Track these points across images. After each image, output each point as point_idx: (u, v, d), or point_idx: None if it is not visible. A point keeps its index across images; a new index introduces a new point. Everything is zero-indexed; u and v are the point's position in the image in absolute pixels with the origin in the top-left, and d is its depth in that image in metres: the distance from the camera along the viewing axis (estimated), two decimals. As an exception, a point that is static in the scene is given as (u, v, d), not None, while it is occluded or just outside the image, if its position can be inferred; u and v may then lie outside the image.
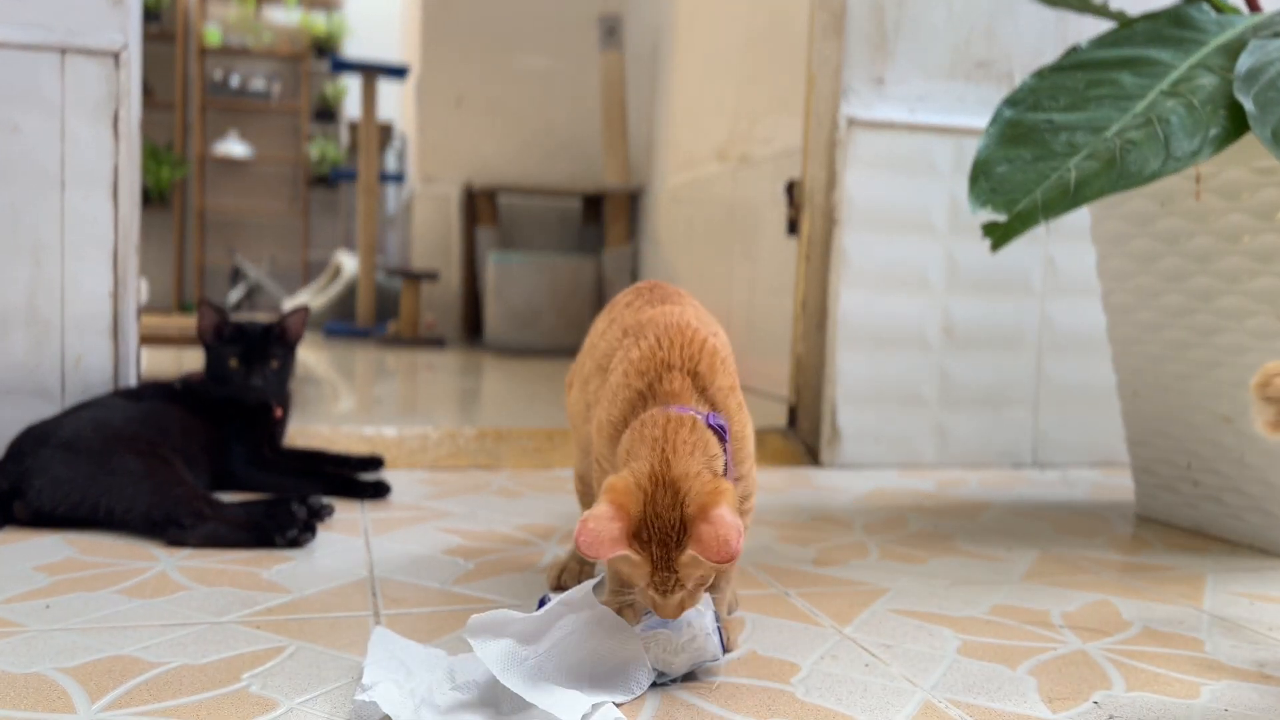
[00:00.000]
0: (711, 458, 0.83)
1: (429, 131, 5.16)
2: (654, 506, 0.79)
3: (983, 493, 1.80)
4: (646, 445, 0.82)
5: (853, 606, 1.10)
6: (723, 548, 0.75)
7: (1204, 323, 1.45)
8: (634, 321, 0.97)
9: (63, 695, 0.79)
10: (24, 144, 1.57)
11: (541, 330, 4.45)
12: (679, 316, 0.95)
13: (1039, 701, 0.86)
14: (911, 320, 1.99)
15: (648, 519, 0.78)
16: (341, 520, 1.40)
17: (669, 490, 0.79)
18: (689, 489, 0.79)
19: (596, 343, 1.03)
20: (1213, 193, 1.41)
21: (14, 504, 1.30)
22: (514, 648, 0.79)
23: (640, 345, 0.91)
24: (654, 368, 0.89)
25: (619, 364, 0.92)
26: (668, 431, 0.82)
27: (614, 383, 0.91)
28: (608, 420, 0.89)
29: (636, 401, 0.88)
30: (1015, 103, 1.36)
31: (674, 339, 0.91)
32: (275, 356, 1.54)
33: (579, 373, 1.07)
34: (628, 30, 4.69)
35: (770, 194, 2.98)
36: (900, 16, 1.98)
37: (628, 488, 0.79)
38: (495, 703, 0.77)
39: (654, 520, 0.78)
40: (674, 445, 0.81)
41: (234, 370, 1.52)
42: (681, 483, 0.79)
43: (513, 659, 0.77)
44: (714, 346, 0.93)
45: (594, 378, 1.00)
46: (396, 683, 0.78)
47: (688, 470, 0.80)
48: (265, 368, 1.53)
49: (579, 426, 1.06)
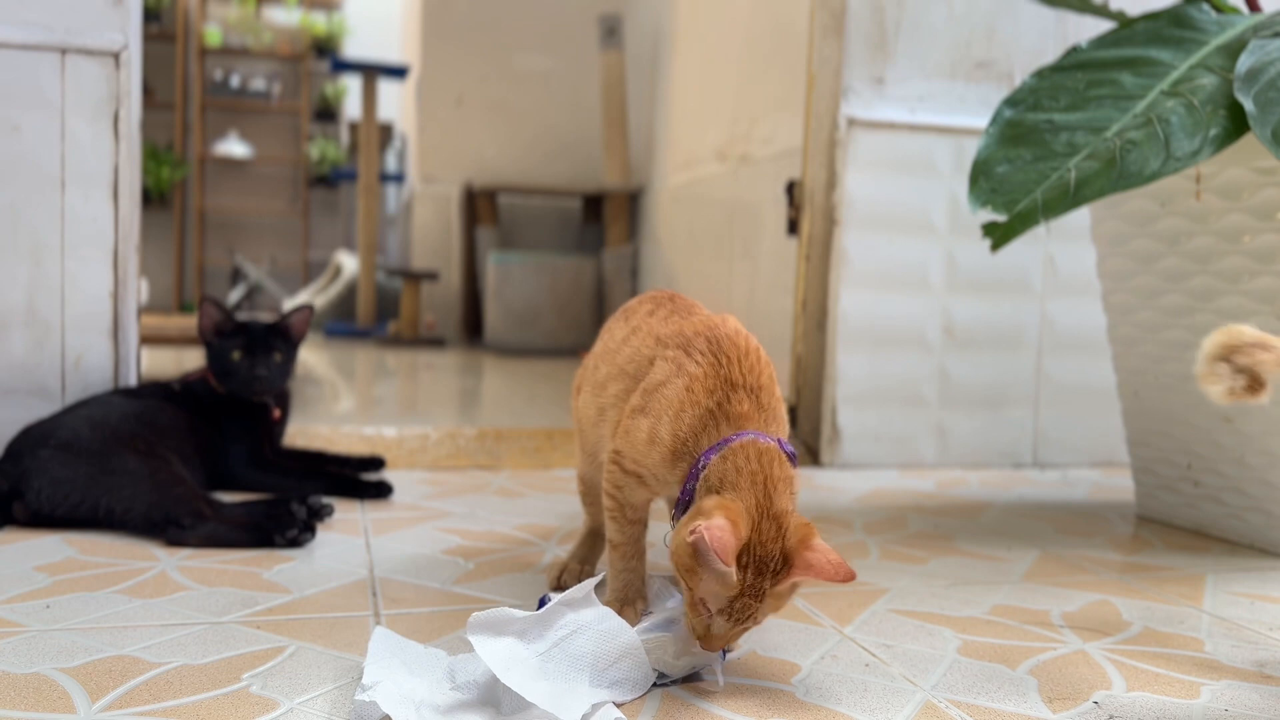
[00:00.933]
0: (795, 493, 0.87)
1: (429, 131, 5.16)
2: (759, 535, 0.82)
3: (983, 493, 1.80)
4: (745, 478, 0.84)
5: (853, 606, 1.10)
6: (840, 569, 0.81)
7: (1204, 323, 1.45)
8: (673, 332, 0.96)
9: (63, 695, 0.79)
10: (24, 144, 1.57)
11: (541, 330, 4.45)
12: (729, 327, 0.95)
13: (1039, 701, 0.86)
14: (912, 320, 1.99)
15: (752, 546, 0.81)
16: (341, 520, 1.40)
17: (773, 523, 0.82)
18: (788, 525, 0.83)
19: (617, 348, 1.02)
20: (1213, 193, 1.41)
21: (13, 505, 1.30)
22: (515, 646, 0.79)
23: (700, 360, 0.92)
24: (720, 386, 0.90)
25: (676, 377, 0.92)
26: (763, 465, 0.85)
27: (673, 397, 0.90)
28: (670, 435, 0.89)
29: (707, 420, 0.89)
30: (1015, 103, 1.36)
31: (731, 354, 0.92)
32: (278, 349, 1.54)
33: (590, 377, 1.06)
34: (628, 30, 4.69)
35: (770, 194, 2.98)
36: (900, 16, 1.98)
37: (742, 511, 0.82)
38: (495, 702, 0.77)
39: (756, 548, 0.81)
40: (773, 481, 0.84)
41: (237, 362, 1.51)
42: (782, 518, 0.83)
43: (513, 658, 0.77)
44: (766, 358, 0.95)
45: (613, 382, 0.99)
46: (397, 683, 0.78)
47: (785, 507, 0.84)
48: (269, 359, 1.53)
49: (587, 430, 1.06)
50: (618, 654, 0.82)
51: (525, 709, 0.74)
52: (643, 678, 0.83)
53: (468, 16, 5.09)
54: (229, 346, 1.52)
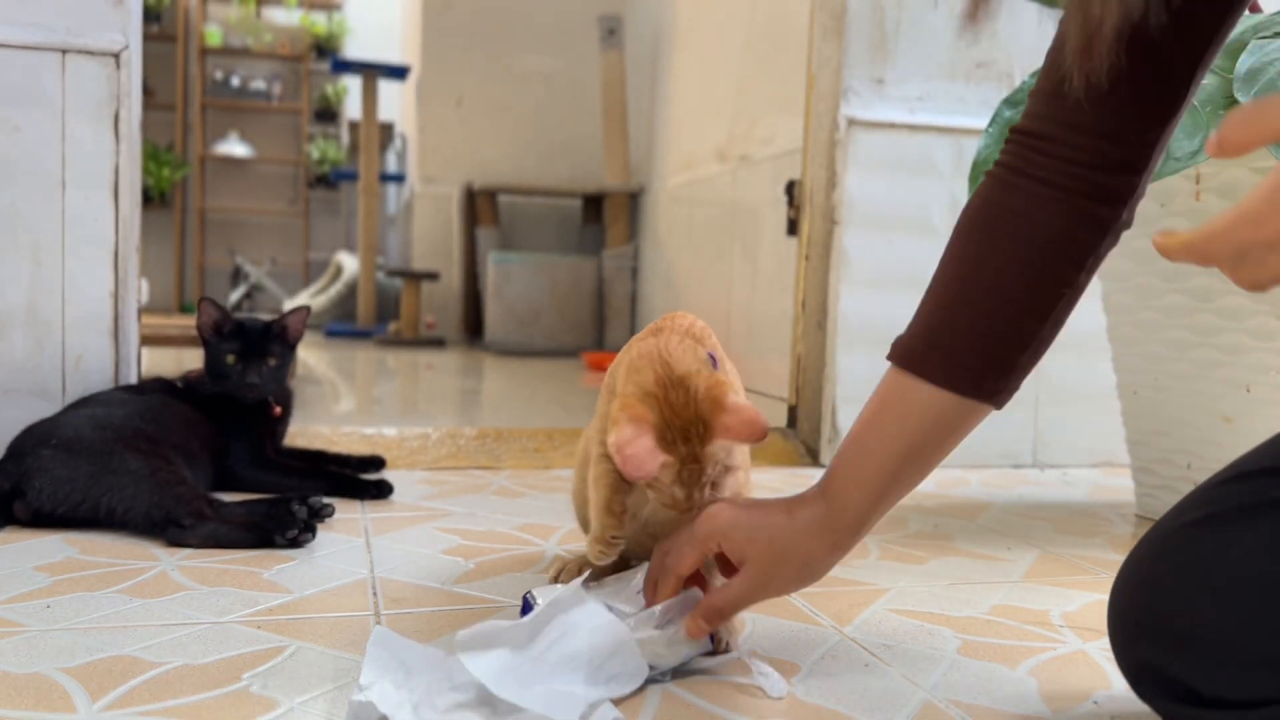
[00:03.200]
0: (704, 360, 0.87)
1: (429, 132, 5.16)
2: (670, 408, 0.83)
3: (983, 493, 1.80)
4: (645, 359, 0.87)
5: (853, 607, 1.10)
6: (753, 428, 0.81)
7: (1204, 323, 1.45)
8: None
9: (63, 695, 0.79)
10: (25, 144, 1.57)
11: (541, 330, 4.45)
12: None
13: (1039, 702, 0.86)
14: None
15: (667, 421, 0.83)
16: (342, 520, 1.40)
17: (679, 389, 0.83)
18: (696, 385, 0.84)
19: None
20: (1213, 193, 1.41)
21: (14, 504, 1.30)
22: (507, 657, 0.78)
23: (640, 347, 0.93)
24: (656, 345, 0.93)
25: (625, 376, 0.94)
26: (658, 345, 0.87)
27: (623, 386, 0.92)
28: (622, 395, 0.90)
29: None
30: (1015, 103, 1.36)
31: (664, 325, 0.95)
32: (273, 354, 1.54)
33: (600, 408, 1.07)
34: (628, 30, 4.69)
35: (770, 194, 2.98)
36: (900, 17, 1.98)
37: (640, 397, 0.84)
38: (493, 702, 0.77)
39: (673, 420, 0.83)
40: (669, 351, 0.86)
41: (231, 366, 1.51)
42: (689, 380, 0.84)
43: (506, 669, 0.77)
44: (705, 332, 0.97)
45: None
46: (395, 682, 0.78)
47: (689, 369, 0.85)
48: (262, 365, 1.52)
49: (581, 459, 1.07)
50: (611, 650, 0.82)
51: (522, 710, 0.75)
52: (637, 669, 0.83)
53: (468, 17, 5.10)
54: (225, 349, 1.51)
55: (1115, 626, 0.76)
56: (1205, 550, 0.70)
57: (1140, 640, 0.73)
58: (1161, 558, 0.74)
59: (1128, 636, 0.74)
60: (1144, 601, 0.73)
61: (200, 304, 1.53)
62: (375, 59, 5.65)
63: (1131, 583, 0.75)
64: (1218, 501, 0.72)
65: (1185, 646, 0.69)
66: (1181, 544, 0.72)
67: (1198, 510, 0.73)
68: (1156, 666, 0.72)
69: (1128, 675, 0.76)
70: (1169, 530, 0.74)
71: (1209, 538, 0.71)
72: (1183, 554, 0.72)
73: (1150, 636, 0.72)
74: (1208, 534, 0.71)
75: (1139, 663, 0.74)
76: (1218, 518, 0.71)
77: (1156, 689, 0.73)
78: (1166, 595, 0.71)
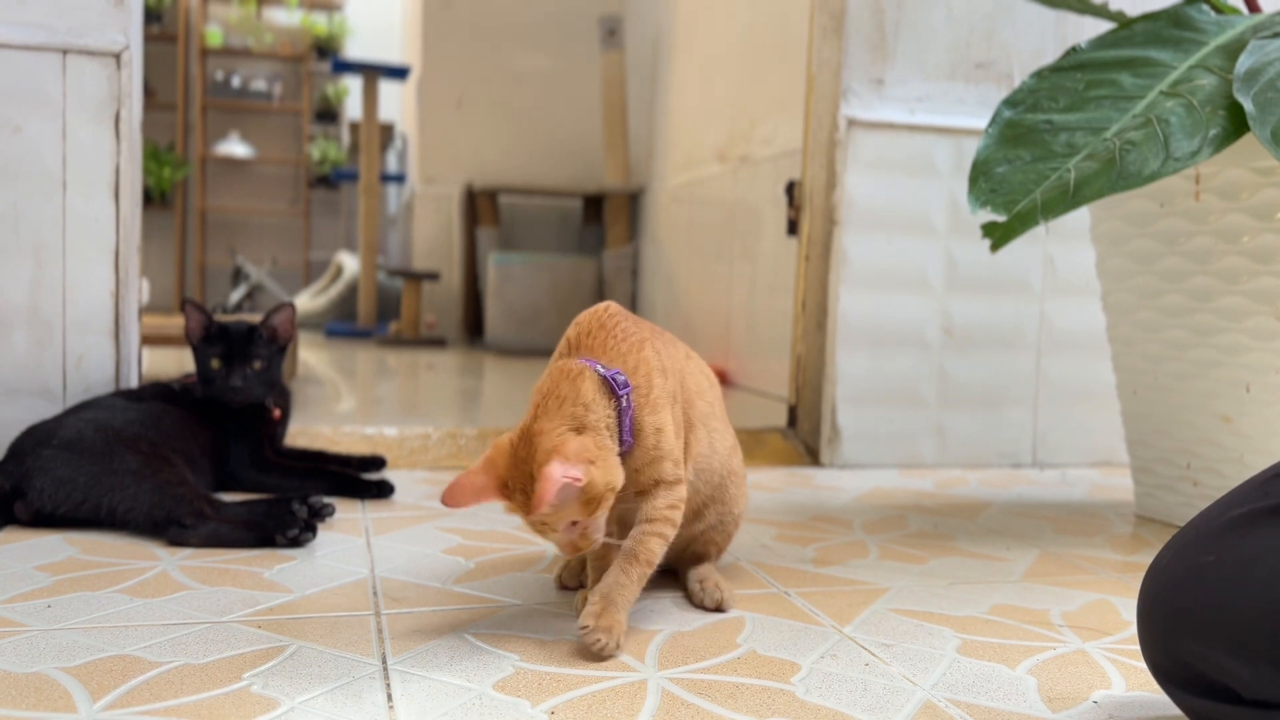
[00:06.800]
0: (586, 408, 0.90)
1: (430, 132, 5.16)
2: (516, 460, 0.88)
3: (983, 493, 1.80)
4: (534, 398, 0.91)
5: (853, 606, 1.10)
6: (536, 504, 0.83)
7: (1204, 323, 1.45)
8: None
9: (64, 695, 0.79)
10: (26, 144, 1.57)
11: (542, 330, 4.45)
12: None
13: (1039, 701, 0.86)
14: (911, 320, 1.99)
15: (515, 471, 0.87)
16: (342, 520, 1.41)
17: (526, 444, 0.88)
18: (538, 445, 0.87)
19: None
20: (1212, 193, 1.41)
21: (15, 504, 1.30)
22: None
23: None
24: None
25: None
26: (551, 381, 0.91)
27: None
28: None
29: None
30: (1015, 103, 1.36)
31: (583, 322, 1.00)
32: (258, 357, 1.52)
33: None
34: (628, 30, 4.69)
35: (770, 194, 2.98)
36: (900, 17, 1.98)
37: (501, 446, 0.89)
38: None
39: (516, 472, 0.87)
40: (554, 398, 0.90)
41: (215, 371, 1.51)
42: (537, 438, 0.87)
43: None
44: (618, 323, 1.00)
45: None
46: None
47: (543, 427, 0.88)
48: (246, 368, 1.51)
49: None
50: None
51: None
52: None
53: (468, 17, 5.10)
54: (210, 353, 1.50)
55: (1151, 619, 0.74)
56: (1264, 543, 0.68)
57: (1180, 633, 0.71)
58: (1211, 550, 0.72)
59: (1167, 629, 0.72)
60: (1189, 593, 0.71)
61: (184, 308, 1.52)
62: (376, 59, 5.65)
63: (1173, 574, 0.73)
64: (1274, 495, 0.71)
65: (1234, 642, 0.67)
66: (1234, 537, 0.71)
67: (1252, 503, 0.72)
68: (1193, 661, 0.70)
69: (1157, 669, 0.74)
70: (1217, 523, 0.73)
71: (1267, 530, 0.69)
72: (1236, 547, 0.70)
73: (1193, 630, 0.70)
74: (1266, 526, 0.69)
75: (1174, 657, 0.72)
76: (1276, 510, 0.69)
77: (1188, 685, 0.71)
78: (1216, 588, 0.70)
